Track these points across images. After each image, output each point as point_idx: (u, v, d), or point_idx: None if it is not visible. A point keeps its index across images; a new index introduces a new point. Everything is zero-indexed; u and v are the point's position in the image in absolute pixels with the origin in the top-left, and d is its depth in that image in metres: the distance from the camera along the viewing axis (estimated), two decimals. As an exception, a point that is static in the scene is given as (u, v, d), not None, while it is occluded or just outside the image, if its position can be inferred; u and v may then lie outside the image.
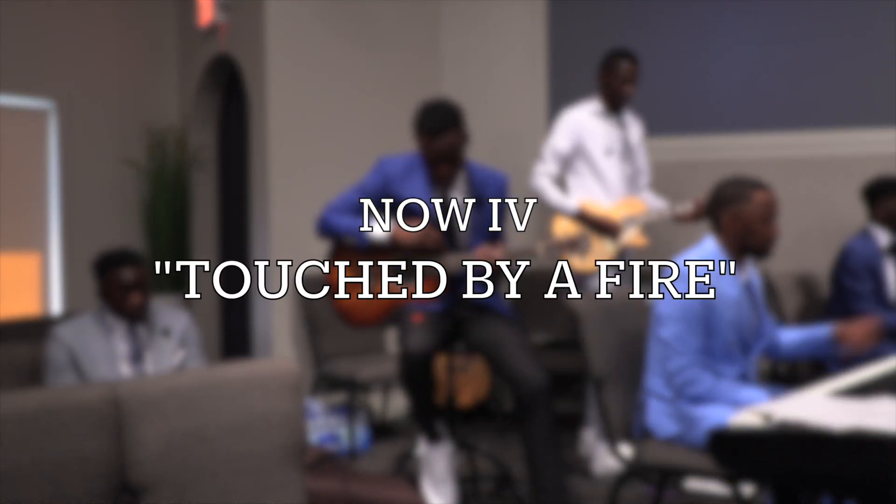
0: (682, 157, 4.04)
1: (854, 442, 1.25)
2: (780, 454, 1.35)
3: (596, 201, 3.23)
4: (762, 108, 4.01)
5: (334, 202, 2.59)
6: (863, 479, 1.25)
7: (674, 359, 2.06)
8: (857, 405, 1.49)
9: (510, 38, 4.40)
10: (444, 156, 2.42)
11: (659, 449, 2.09)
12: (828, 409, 1.46)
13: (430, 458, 2.38)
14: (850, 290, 2.97)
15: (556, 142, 3.27)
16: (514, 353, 2.34)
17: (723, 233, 2.14)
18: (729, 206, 2.12)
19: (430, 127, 2.39)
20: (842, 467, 1.27)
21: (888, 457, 1.22)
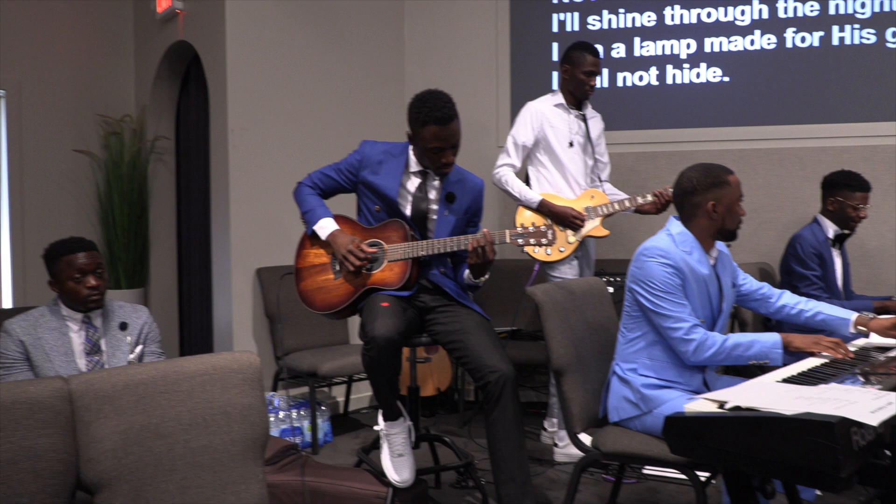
0: (642, 150, 4.11)
1: (803, 426, 1.29)
2: (732, 439, 1.39)
3: (558, 193, 3.26)
4: (718, 103, 4.09)
5: (313, 174, 2.59)
6: (811, 463, 1.29)
7: (676, 328, 2.09)
8: (807, 391, 1.54)
9: (474, 30, 4.41)
10: (451, 144, 2.41)
11: (618, 436, 2.13)
12: (779, 395, 1.50)
13: (388, 434, 2.38)
14: (798, 275, 3.06)
15: (519, 134, 3.29)
16: (480, 343, 2.34)
17: (699, 218, 2.18)
18: (711, 192, 2.16)
19: (441, 115, 2.35)
20: (791, 451, 1.31)
21: (835, 440, 1.26)
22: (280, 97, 3.87)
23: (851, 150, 3.88)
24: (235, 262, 3.71)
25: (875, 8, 3.94)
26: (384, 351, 2.21)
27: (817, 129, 3.98)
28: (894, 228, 3.89)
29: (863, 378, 1.69)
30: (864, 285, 3.78)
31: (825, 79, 3.99)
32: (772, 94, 4.04)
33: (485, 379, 2.28)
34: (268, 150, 3.81)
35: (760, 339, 2.05)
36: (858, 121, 3.95)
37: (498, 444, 2.28)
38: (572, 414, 2.21)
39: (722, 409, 1.47)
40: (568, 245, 3.18)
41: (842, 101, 3.97)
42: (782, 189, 3.96)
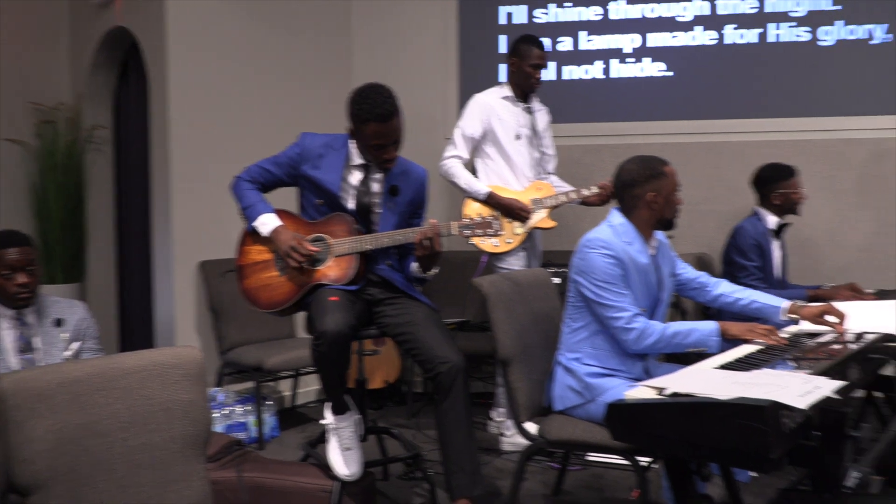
0: (588, 143, 4.17)
1: (737, 411, 1.34)
2: (671, 425, 1.43)
3: (506, 185, 3.29)
4: (662, 97, 4.18)
5: (251, 168, 2.53)
6: (744, 446, 1.34)
7: (617, 318, 2.13)
8: (741, 377, 1.59)
9: (422, 22, 4.39)
10: (393, 140, 2.39)
11: (562, 424, 2.17)
12: (715, 381, 1.56)
13: (336, 428, 2.37)
14: (739, 265, 3.17)
15: (467, 126, 3.30)
16: (429, 334, 2.34)
17: (640, 209, 2.23)
18: (650, 183, 2.21)
19: (382, 112, 2.33)
20: (726, 435, 1.36)
21: (766, 424, 1.32)
22: (224, 87, 3.78)
23: (786, 143, 4.02)
24: (178, 255, 3.62)
25: (809, 7, 4.09)
26: (334, 345, 2.19)
27: (754, 123, 4.11)
28: (826, 220, 4.06)
29: (794, 363, 1.76)
30: (799, 274, 3.92)
31: (762, 75, 4.12)
32: (712, 89, 4.16)
33: (435, 370, 2.29)
34: (211, 141, 3.72)
35: (699, 328, 2.12)
36: (792, 116, 4.09)
37: (448, 434, 2.29)
38: (518, 403, 2.24)
39: (661, 395, 1.52)
40: (515, 237, 3.21)
41: (777, 96, 4.11)
42: (721, 181, 4.08)
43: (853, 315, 2.24)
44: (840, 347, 1.93)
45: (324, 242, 2.44)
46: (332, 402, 2.38)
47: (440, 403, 2.29)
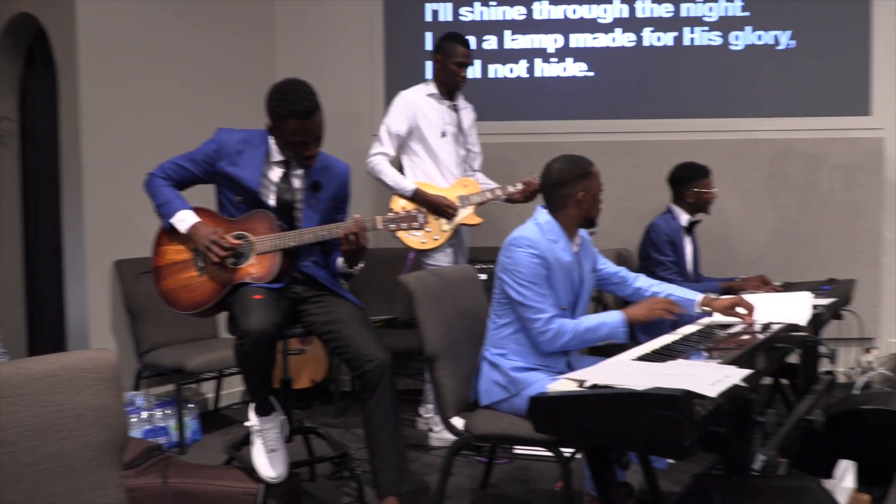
0: (513, 140, 4.24)
1: (652, 400, 1.39)
2: (590, 416, 1.48)
3: (432, 182, 3.30)
4: (584, 97, 4.29)
5: (165, 164, 2.44)
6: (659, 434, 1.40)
7: (535, 319, 2.17)
8: (657, 367, 1.66)
9: (347, 17, 4.35)
10: (315, 137, 2.35)
11: (488, 419, 2.20)
12: (632, 372, 1.61)
13: (261, 429, 2.33)
14: (654, 260, 3.29)
15: (392, 123, 3.30)
16: (356, 332, 2.33)
17: (568, 208, 2.28)
18: (580, 183, 2.27)
19: (303, 110, 2.27)
20: (642, 424, 1.41)
21: (679, 412, 1.37)
22: (139, 79, 3.64)
23: (699, 143, 4.20)
24: (91, 254, 3.47)
25: (720, 12, 4.27)
26: (259, 344, 2.15)
27: (670, 123, 4.28)
28: (736, 216, 4.27)
29: (707, 353, 1.84)
30: (713, 268, 4.10)
31: (678, 77, 4.29)
32: (632, 90, 4.30)
33: (362, 368, 2.28)
34: (126, 134, 3.58)
35: (607, 321, 2.19)
36: (706, 116, 4.28)
37: (375, 431, 2.28)
38: (445, 399, 2.25)
39: (581, 388, 1.56)
40: (442, 233, 3.23)
41: (692, 97, 4.29)
42: (640, 179, 4.22)
43: (761, 306, 2.36)
44: (749, 337, 2.03)
45: (245, 240, 2.38)
46: (257, 403, 2.34)
47: (367, 401, 2.29)
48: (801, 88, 4.26)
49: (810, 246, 4.24)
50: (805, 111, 4.26)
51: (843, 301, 3.17)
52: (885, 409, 2.47)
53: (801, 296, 2.56)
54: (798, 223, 4.25)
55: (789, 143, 4.23)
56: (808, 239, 4.24)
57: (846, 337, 3.47)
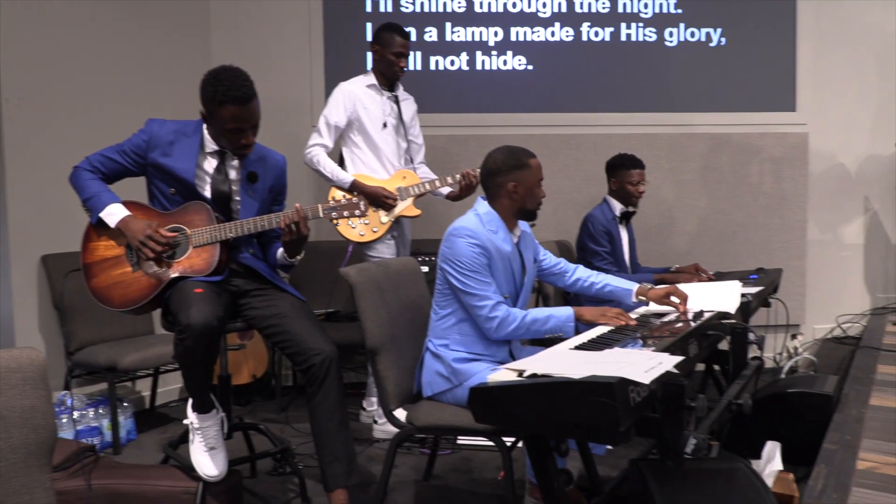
0: (454, 133, 4.25)
1: (589, 388, 1.43)
2: (529, 405, 1.51)
3: (373, 174, 3.28)
4: (523, 90, 4.33)
5: (92, 157, 2.36)
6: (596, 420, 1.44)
7: (481, 306, 2.19)
8: (594, 356, 1.70)
9: (285, 7, 4.28)
10: (252, 125, 2.30)
11: (431, 410, 2.21)
12: (570, 361, 1.65)
13: (200, 427, 2.28)
14: (591, 251, 3.36)
15: (331, 114, 3.27)
16: (300, 325, 2.30)
17: (502, 198, 2.30)
18: (512, 174, 2.29)
19: (240, 95, 2.22)
20: (580, 412, 1.45)
21: (615, 399, 1.41)
22: (66, 64, 3.49)
23: (636, 137, 4.31)
24: (15, 249, 3.32)
25: (656, 9, 4.38)
26: (202, 339, 2.10)
27: (608, 117, 4.37)
28: (672, 207, 4.39)
29: (642, 341, 1.89)
30: (650, 258, 4.22)
31: (615, 71, 4.38)
32: (570, 84, 4.36)
33: (308, 362, 2.26)
34: (52, 124, 3.43)
35: (556, 314, 2.23)
36: (642, 111, 4.39)
37: (323, 425, 2.27)
38: (387, 391, 2.25)
39: (521, 377, 1.58)
40: (381, 225, 3.22)
41: (629, 92, 4.39)
42: (579, 171, 4.30)
43: (694, 295, 2.45)
44: (682, 326, 2.10)
45: (182, 233, 2.33)
46: (196, 400, 2.29)
47: (313, 395, 2.27)
48: (733, 85, 4.41)
49: (741, 236, 4.41)
50: (736, 107, 4.41)
51: (771, 289, 3.31)
52: (808, 391, 2.59)
53: (730, 285, 2.66)
54: (729, 215, 4.41)
55: (722, 137, 4.38)
56: (738, 230, 4.41)
57: (774, 324, 3.62)
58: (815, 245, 4.52)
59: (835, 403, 2.56)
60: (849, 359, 3.43)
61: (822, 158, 4.51)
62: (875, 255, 4.61)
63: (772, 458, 2.26)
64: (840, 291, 4.57)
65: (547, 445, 1.78)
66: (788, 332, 3.97)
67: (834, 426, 2.33)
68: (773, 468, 2.22)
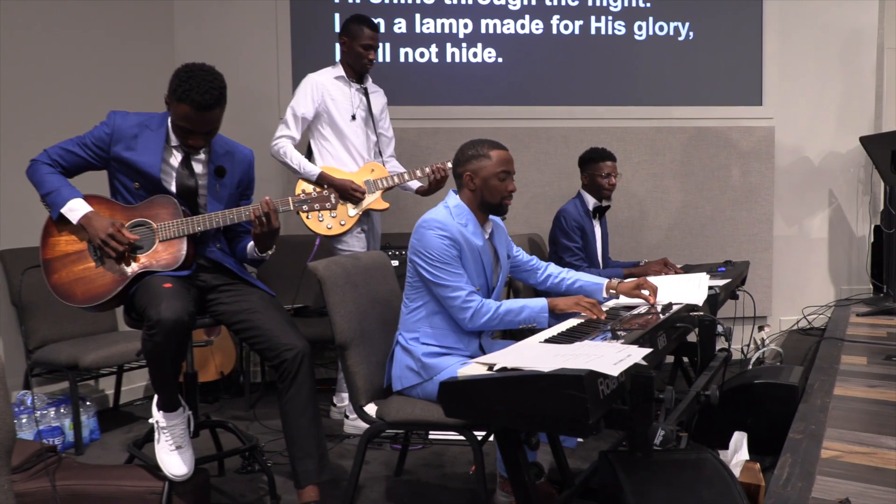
0: (424, 126, 4.24)
1: (558, 381, 1.44)
2: (499, 398, 1.51)
3: (341, 167, 3.26)
4: (494, 83, 4.34)
5: (51, 149, 2.31)
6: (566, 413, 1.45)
7: (454, 297, 2.19)
8: (564, 349, 1.71)
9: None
10: (205, 131, 2.27)
11: (401, 405, 2.21)
12: (540, 355, 1.66)
13: (166, 426, 2.26)
14: (563, 246, 3.37)
15: (299, 106, 3.24)
16: (271, 320, 2.29)
17: (465, 189, 2.32)
18: (469, 164, 2.30)
19: (201, 101, 2.19)
20: (549, 404, 1.46)
21: (584, 391, 1.42)
22: (26, 60, 3.40)
23: (608, 130, 4.34)
24: (-29, 244, 3.24)
25: (625, 3, 4.41)
26: (172, 334, 2.08)
27: (578, 110, 4.39)
28: (643, 201, 4.44)
29: (611, 334, 1.91)
30: (620, 252, 4.27)
31: (585, 64, 4.41)
32: (540, 77, 4.38)
33: (280, 357, 2.25)
34: (9, 118, 3.34)
35: (529, 305, 2.24)
36: (612, 104, 4.42)
37: (295, 420, 2.26)
38: (357, 387, 2.25)
39: (491, 371, 1.59)
40: (349, 218, 3.20)
41: (599, 85, 4.42)
42: (550, 165, 4.32)
43: (663, 288, 2.48)
44: (650, 318, 2.13)
45: (147, 227, 2.29)
46: (162, 398, 2.26)
47: (284, 391, 2.26)
48: (701, 79, 4.47)
49: (710, 230, 4.47)
50: (705, 100, 4.47)
51: (738, 282, 3.37)
52: (773, 382, 2.64)
53: (697, 277, 2.70)
54: (699, 208, 4.47)
55: (691, 130, 4.43)
56: (707, 223, 4.47)
57: (741, 316, 3.68)
58: (781, 238, 4.61)
59: (800, 394, 2.62)
60: (814, 350, 3.50)
61: (788, 152, 4.60)
62: (839, 247, 4.72)
63: (739, 448, 2.30)
64: (805, 283, 4.68)
65: (517, 439, 1.79)
66: (755, 324, 4.04)
67: (799, 416, 2.38)
68: (740, 458, 2.26)
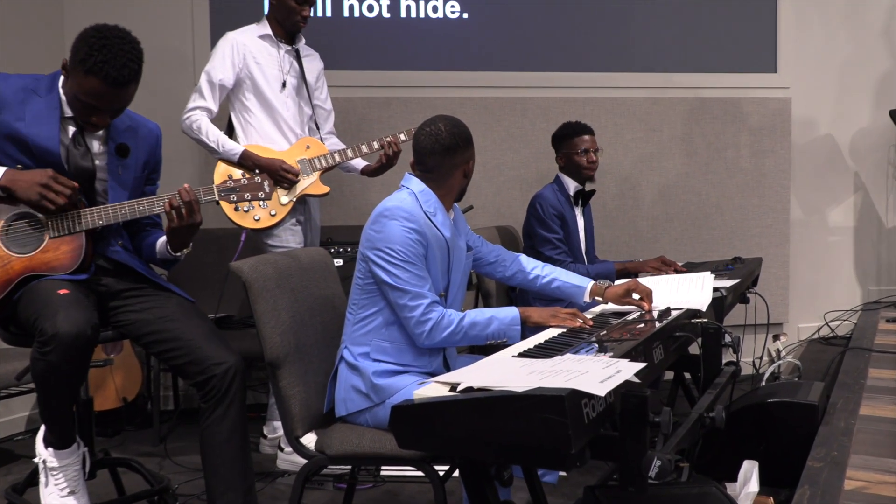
0: (374, 94, 4.23)
1: (534, 403, 1.45)
2: (463, 425, 1.52)
3: (270, 144, 3.24)
4: (458, 43, 4.34)
5: None
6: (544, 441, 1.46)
7: (414, 306, 2.19)
8: (541, 364, 1.73)
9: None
10: (113, 109, 2.24)
11: (347, 435, 2.20)
12: (513, 372, 1.67)
13: (56, 467, 2.22)
14: (541, 238, 3.40)
15: (216, 70, 3.21)
16: (194, 331, 2.28)
17: (453, 179, 2.34)
18: (468, 151, 2.35)
19: (116, 77, 2.14)
20: (524, 431, 1.47)
21: (566, 415, 1.44)
22: None
23: (595, 101, 4.39)
24: None
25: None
26: (71, 352, 2.05)
27: (561, 77, 4.43)
28: (635, 186, 4.49)
29: (598, 346, 1.94)
30: (608, 247, 4.32)
31: (569, 23, 4.43)
32: (514, 37, 4.40)
33: (207, 373, 2.24)
34: None
35: (498, 316, 2.25)
36: (602, 70, 4.46)
37: (217, 448, 2.25)
38: (292, 414, 2.23)
39: (454, 392, 1.60)
40: (281, 207, 3.18)
41: (585, 47, 4.46)
42: (526, 143, 4.35)
43: (659, 291, 2.52)
44: (645, 326, 2.16)
45: (34, 220, 2.25)
46: (53, 431, 2.23)
47: (209, 413, 2.25)
48: (705, 40, 4.55)
49: (716, 220, 4.56)
50: (708, 66, 4.55)
51: (749, 282, 3.44)
52: (790, 401, 2.70)
53: (701, 277, 2.75)
54: (702, 195, 4.55)
55: (693, 102, 4.50)
56: (713, 212, 4.55)
57: (752, 323, 3.76)
58: (798, 230, 4.72)
59: (820, 414, 2.68)
60: (837, 362, 3.59)
61: (807, 128, 4.71)
62: (866, 241, 4.85)
63: (749, 480, 2.35)
64: (828, 284, 4.80)
65: (487, 473, 1.80)
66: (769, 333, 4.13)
67: (819, 440, 2.44)
68: (750, 491, 2.31)
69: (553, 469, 2.41)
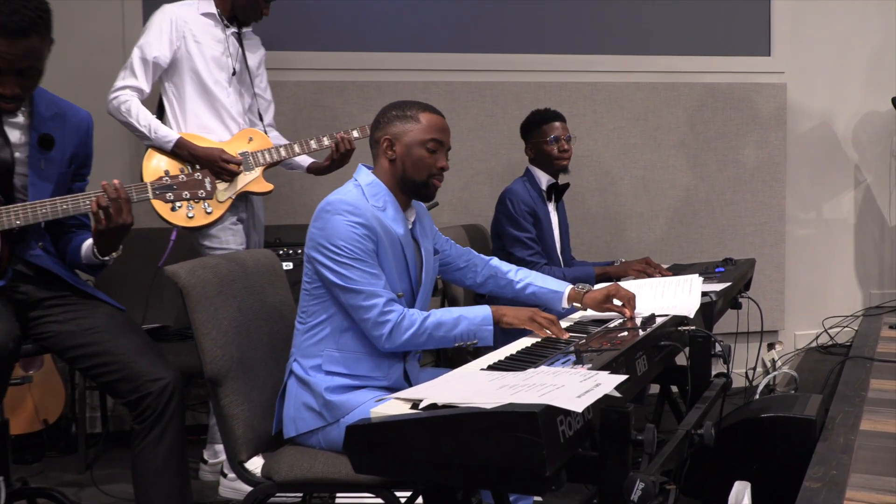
0: (327, 79, 4.22)
1: (505, 421, 1.46)
2: (427, 446, 1.52)
3: (207, 135, 3.22)
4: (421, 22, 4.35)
5: None
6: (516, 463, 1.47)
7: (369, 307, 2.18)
8: (513, 378, 1.74)
9: None
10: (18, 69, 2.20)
11: (297, 458, 2.20)
12: (482, 386, 1.68)
13: None
14: (511, 237, 3.42)
15: (150, 46, 3.18)
16: (126, 344, 2.29)
17: (381, 160, 2.34)
18: (389, 127, 2.32)
19: (8, 24, 2.11)
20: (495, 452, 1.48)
21: (539, 434, 1.45)
22: None
23: (572, 87, 4.42)
24: None
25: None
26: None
27: (535, 60, 4.45)
28: (617, 181, 4.53)
29: (576, 357, 1.95)
30: (586, 248, 4.35)
31: (547, 1, 4.45)
32: (485, 15, 4.41)
33: (142, 391, 2.24)
34: None
35: (468, 315, 2.26)
36: (579, 52, 4.49)
37: (154, 474, 2.26)
38: (235, 435, 2.23)
39: (415, 409, 1.60)
40: (218, 204, 3.16)
41: (561, 27, 4.49)
42: (496, 132, 4.37)
43: (643, 295, 2.54)
44: (627, 335, 2.18)
45: None
46: None
47: (143, 434, 2.25)
48: (691, 21, 4.60)
49: (705, 218, 4.61)
50: (696, 49, 4.60)
51: (741, 286, 3.48)
52: (785, 416, 2.74)
53: (689, 280, 2.78)
54: (690, 190, 4.60)
55: (679, 88, 4.55)
56: (702, 209, 4.61)
57: (745, 330, 3.80)
58: (795, 228, 4.79)
59: (818, 430, 2.72)
60: (836, 373, 3.65)
61: (804, 117, 4.79)
62: (868, 241, 4.94)
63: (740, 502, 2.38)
64: (826, 287, 4.87)
65: (453, 499, 1.81)
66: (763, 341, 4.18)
67: (817, 458, 2.48)
68: (742, 515, 2.34)
69: (526, 493, 2.43)
